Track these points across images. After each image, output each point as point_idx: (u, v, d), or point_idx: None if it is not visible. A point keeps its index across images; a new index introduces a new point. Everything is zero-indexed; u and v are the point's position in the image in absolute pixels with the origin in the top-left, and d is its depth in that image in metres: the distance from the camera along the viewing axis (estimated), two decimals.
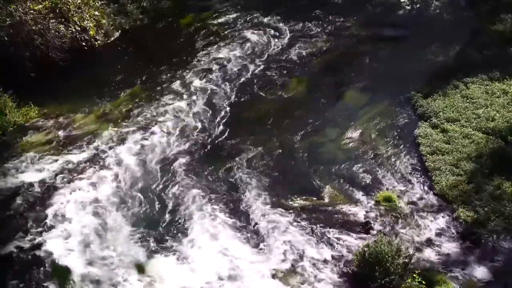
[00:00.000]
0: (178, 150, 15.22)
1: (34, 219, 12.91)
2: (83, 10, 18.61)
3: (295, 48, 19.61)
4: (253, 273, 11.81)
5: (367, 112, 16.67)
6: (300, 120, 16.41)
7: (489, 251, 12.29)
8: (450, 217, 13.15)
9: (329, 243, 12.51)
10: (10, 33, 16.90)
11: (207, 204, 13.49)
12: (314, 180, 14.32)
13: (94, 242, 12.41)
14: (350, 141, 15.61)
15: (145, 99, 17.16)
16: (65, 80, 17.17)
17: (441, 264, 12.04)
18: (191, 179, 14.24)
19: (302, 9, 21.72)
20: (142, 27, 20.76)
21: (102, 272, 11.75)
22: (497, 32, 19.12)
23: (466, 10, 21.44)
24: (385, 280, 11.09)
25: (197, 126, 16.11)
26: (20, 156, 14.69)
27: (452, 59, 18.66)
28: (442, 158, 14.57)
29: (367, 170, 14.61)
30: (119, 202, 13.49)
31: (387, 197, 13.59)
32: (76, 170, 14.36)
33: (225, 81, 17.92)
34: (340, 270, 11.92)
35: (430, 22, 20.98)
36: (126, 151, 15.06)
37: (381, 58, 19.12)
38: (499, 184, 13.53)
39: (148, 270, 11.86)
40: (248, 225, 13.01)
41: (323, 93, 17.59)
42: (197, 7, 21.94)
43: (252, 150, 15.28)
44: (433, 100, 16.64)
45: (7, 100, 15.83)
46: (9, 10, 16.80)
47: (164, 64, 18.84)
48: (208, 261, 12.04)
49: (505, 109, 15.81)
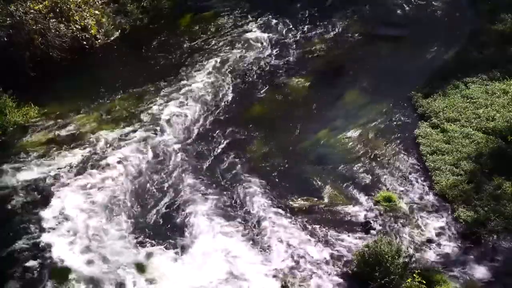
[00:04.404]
0: (178, 150, 15.22)
1: (34, 219, 12.92)
2: (83, 9, 18.62)
3: (295, 48, 19.59)
4: (253, 273, 11.83)
5: (367, 112, 16.66)
6: (300, 120, 16.39)
7: (489, 251, 12.29)
8: (450, 217, 13.15)
9: (329, 243, 12.52)
10: (10, 33, 16.92)
11: (207, 204, 13.50)
12: (314, 180, 14.32)
13: (94, 242, 12.42)
14: (350, 141, 15.61)
15: (145, 99, 17.15)
16: (65, 80, 17.17)
17: (441, 264, 12.05)
18: (191, 179, 14.24)
19: (302, 9, 21.71)
20: (142, 27, 20.75)
21: (102, 272, 11.77)
22: (497, 32, 19.10)
23: (466, 10, 21.41)
24: (385, 280, 11.10)
25: (197, 126, 16.11)
26: (20, 156, 14.71)
27: (452, 59, 18.62)
28: (442, 158, 14.57)
29: (367, 170, 14.61)
30: (119, 202, 13.50)
31: (387, 197, 13.60)
32: (76, 170, 14.37)
33: (225, 81, 17.93)
34: (340, 270, 11.93)
35: (430, 22, 20.96)
36: (126, 151, 15.06)
37: (381, 58, 19.11)
38: (499, 184, 13.54)
39: (148, 270, 11.87)
40: (248, 225, 13.01)
41: (323, 93, 17.58)
42: (197, 7, 21.92)
43: (252, 150, 15.29)
44: (433, 100, 16.64)
45: (7, 100, 15.81)
46: (10, 10, 16.81)
47: (164, 64, 18.84)
48: (208, 261, 12.06)
49: (505, 109, 15.81)
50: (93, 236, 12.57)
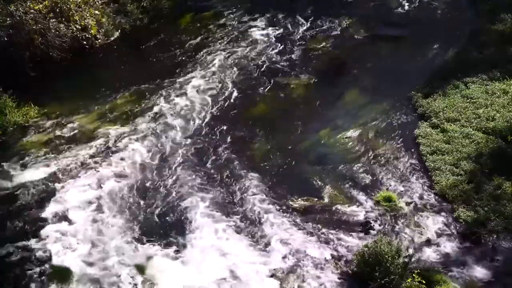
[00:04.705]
0: (179, 150, 15.22)
1: (34, 219, 12.92)
2: (83, 9, 18.63)
3: (295, 48, 19.61)
4: (253, 273, 11.82)
5: (367, 112, 16.66)
6: (300, 120, 16.41)
7: (489, 251, 12.28)
8: (450, 217, 13.15)
9: (329, 243, 12.51)
10: (10, 33, 16.93)
11: (207, 204, 13.50)
12: (314, 180, 14.32)
13: (94, 242, 12.42)
14: (350, 141, 15.61)
15: (145, 99, 17.15)
16: (65, 80, 17.19)
17: (441, 264, 12.03)
18: (191, 179, 14.24)
19: (302, 9, 21.72)
20: (142, 27, 20.77)
21: (102, 272, 11.76)
22: (497, 32, 19.10)
23: (466, 10, 21.43)
24: (385, 280, 11.09)
25: (197, 126, 16.12)
26: (20, 156, 14.71)
27: (452, 59, 18.63)
28: (442, 158, 14.56)
29: (367, 170, 14.61)
30: (119, 202, 13.50)
31: (387, 197, 13.59)
32: (76, 170, 14.37)
33: (225, 81, 17.94)
34: (340, 270, 11.93)
35: (430, 22, 20.97)
36: (126, 151, 15.07)
37: (381, 58, 19.11)
38: (499, 184, 13.53)
39: (149, 270, 11.86)
40: (248, 225, 13.01)
41: (323, 93, 17.58)
42: (197, 7, 21.95)
43: (252, 150, 15.30)
44: (433, 100, 16.64)
45: (7, 100, 15.82)
46: (10, 10, 16.82)
47: (164, 64, 18.86)
48: (208, 261, 12.04)
49: (505, 109, 15.81)
50: (93, 236, 12.56)
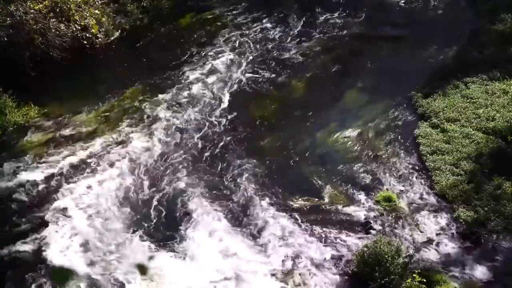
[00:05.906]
0: (179, 150, 15.23)
1: (34, 219, 12.94)
2: (83, 9, 18.63)
3: (295, 48, 19.60)
4: (253, 273, 11.83)
5: (367, 112, 16.66)
6: (300, 120, 16.41)
7: (489, 251, 12.29)
8: (450, 217, 13.16)
9: (329, 243, 12.52)
10: (10, 33, 16.92)
11: (208, 204, 13.51)
12: (314, 180, 14.32)
13: (94, 242, 12.43)
14: (350, 141, 15.61)
15: (145, 98, 17.15)
16: (65, 80, 17.19)
17: (441, 264, 12.05)
18: (191, 179, 14.25)
19: (302, 9, 21.71)
20: (142, 27, 20.76)
21: (103, 272, 11.77)
22: (497, 32, 19.10)
23: (466, 10, 21.42)
24: (385, 280, 11.10)
25: (197, 126, 16.12)
26: (20, 156, 14.71)
27: (452, 59, 18.63)
28: (442, 158, 14.57)
29: (367, 170, 14.61)
30: (119, 202, 13.51)
31: (387, 197, 13.61)
32: (76, 170, 14.38)
33: (225, 81, 17.93)
34: (340, 270, 11.94)
35: (430, 22, 20.97)
36: (127, 150, 15.07)
37: (381, 58, 19.11)
38: (499, 184, 13.54)
39: (149, 270, 11.87)
40: (248, 225, 13.02)
41: (323, 93, 17.58)
42: (197, 7, 21.94)
43: (252, 150, 15.29)
44: (433, 100, 16.64)
45: (7, 100, 15.84)
46: (10, 10, 16.81)
47: (164, 63, 18.84)
48: (209, 261, 12.06)
49: (505, 109, 15.81)
50: (94, 236, 12.57)
